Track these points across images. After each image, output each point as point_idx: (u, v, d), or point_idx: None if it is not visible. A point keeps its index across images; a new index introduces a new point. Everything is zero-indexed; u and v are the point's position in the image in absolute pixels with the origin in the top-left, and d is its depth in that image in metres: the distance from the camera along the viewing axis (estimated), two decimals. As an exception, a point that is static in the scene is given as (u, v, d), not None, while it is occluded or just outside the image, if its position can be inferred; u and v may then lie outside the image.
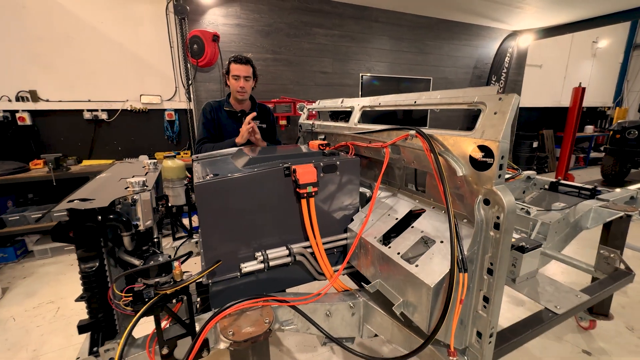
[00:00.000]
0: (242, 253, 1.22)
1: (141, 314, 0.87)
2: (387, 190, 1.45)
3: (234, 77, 2.09)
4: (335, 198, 1.36)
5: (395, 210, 1.28)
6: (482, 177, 0.92)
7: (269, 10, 4.34)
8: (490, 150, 0.88)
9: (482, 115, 0.94)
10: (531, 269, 1.47)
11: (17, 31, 3.53)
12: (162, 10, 4.01)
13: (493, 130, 0.88)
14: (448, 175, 1.02)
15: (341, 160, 1.33)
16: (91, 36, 3.82)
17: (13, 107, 3.61)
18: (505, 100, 0.88)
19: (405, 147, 1.22)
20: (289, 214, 1.27)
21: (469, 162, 0.96)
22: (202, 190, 1.09)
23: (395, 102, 1.37)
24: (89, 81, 3.90)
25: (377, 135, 1.41)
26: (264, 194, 1.21)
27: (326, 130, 1.93)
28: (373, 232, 1.24)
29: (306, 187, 1.20)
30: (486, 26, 6.24)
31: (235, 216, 1.17)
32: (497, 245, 0.90)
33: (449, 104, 1.08)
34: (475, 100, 0.97)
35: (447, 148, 1.03)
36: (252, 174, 1.17)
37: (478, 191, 0.94)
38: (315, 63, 4.82)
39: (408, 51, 5.57)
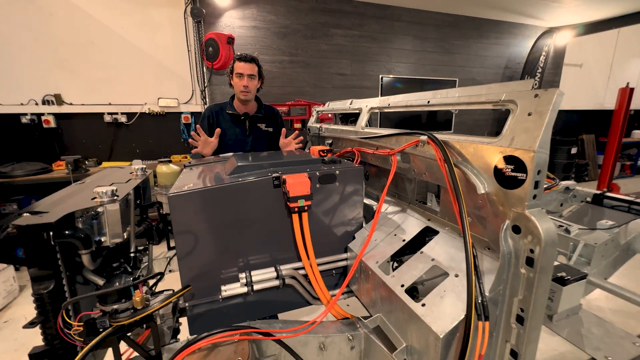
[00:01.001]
0: (225, 273, 1.08)
1: (90, 348, 0.74)
2: (396, 204, 1.26)
3: (238, 75, 1.92)
4: (334, 212, 1.19)
5: (402, 229, 1.08)
6: (510, 196, 0.71)
7: (286, 11, 4.25)
8: (522, 163, 0.68)
9: (512, 117, 0.73)
10: (573, 304, 1.21)
11: (44, 37, 3.67)
12: (180, 15, 4.04)
13: (526, 136, 0.68)
14: (466, 191, 0.82)
15: (341, 169, 1.16)
16: (113, 41, 3.91)
17: (39, 111, 3.76)
18: (543, 98, 0.67)
19: (415, 155, 1.03)
20: (280, 231, 1.12)
21: (493, 176, 0.75)
22: (176, 202, 0.96)
23: (407, 102, 1.18)
24: (110, 85, 3.99)
25: (386, 141, 1.23)
26: (250, 207, 1.06)
27: (333, 134, 1.76)
28: (375, 255, 1.05)
29: (297, 201, 1.04)
30: (519, 23, 5.81)
31: (215, 232, 1.03)
32: (530, 286, 0.69)
33: (469, 104, 0.88)
34: (503, 99, 0.77)
35: (466, 158, 0.83)
36: (234, 184, 1.02)
37: (505, 214, 0.73)
38: (332, 65, 4.67)
39: (432, 51, 5.28)
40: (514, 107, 0.74)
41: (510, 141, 0.71)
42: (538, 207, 0.69)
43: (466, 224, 0.75)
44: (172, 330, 1.10)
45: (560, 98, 0.65)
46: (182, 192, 0.96)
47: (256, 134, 2.13)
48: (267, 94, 4.41)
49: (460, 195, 0.78)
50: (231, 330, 0.93)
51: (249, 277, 1.04)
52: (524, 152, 0.67)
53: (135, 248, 1.12)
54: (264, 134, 2.17)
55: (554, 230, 0.66)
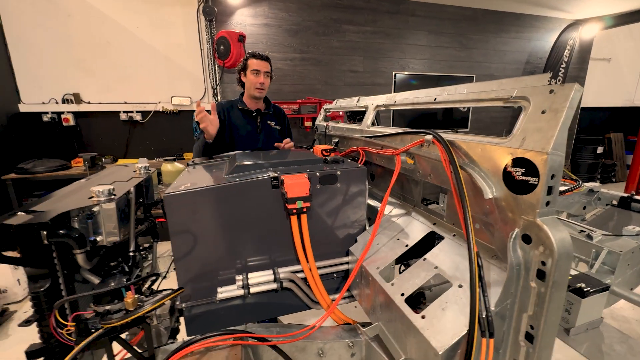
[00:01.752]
0: (222, 275, 1.06)
1: (79, 349, 0.73)
2: (401, 207, 1.20)
3: (254, 72, 1.92)
4: (335, 214, 1.14)
5: (406, 233, 1.03)
6: (520, 202, 0.65)
7: (297, 8, 4.21)
8: (534, 166, 0.61)
9: (524, 115, 0.66)
10: (594, 317, 1.12)
11: (63, 38, 3.79)
12: (193, 13, 4.07)
13: (539, 136, 0.61)
14: (473, 195, 0.76)
15: (343, 169, 1.11)
16: (128, 41, 3.99)
17: (59, 109, 3.89)
18: (559, 94, 0.60)
19: (421, 155, 0.97)
20: (279, 232, 1.08)
21: (502, 180, 0.69)
22: (172, 202, 0.94)
23: (413, 99, 1.12)
24: (125, 84, 4.08)
25: (391, 140, 1.17)
26: (248, 208, 1.03)
27: (339, 132, 1.71)
28: (376, 260, 1.00)
29: (295, 202, 1.00)
30: (542, 16, 5.53)
31: (212, 233, 1.01)
32: (541, 302, 0.63)
33: (478, 101, 0.81)
34: (514, 95, 0.70)
35: (473, 159, 0.77)
36: (230, 184, 1.00)
37: (514, 222, 0.67)
38: (345, 62, 4.60)
39: (449, 46, 5.11)
40: (526, 105, 0.67)
41: (521, 142, 0.64)
42: (552, 215, 0.62)
43: (471, 231, 0.70)
44: (169, 330, 1.09)
45: (578, 94, 0.58)
46: (177, 192, 0.95)
47: (267, 131, 2.11)
48: (278, 91, 4.40)
49: (465, 199, 0.72)
50: (225, 334, 0.91)
51: (245, 279, 1.02)
52: (536, 154, 0.61)
53: (135, 247, 1.12)
54: (275, 131, 2.15)
55: (569, 241, 0.59)
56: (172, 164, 1.53)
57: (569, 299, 1.09)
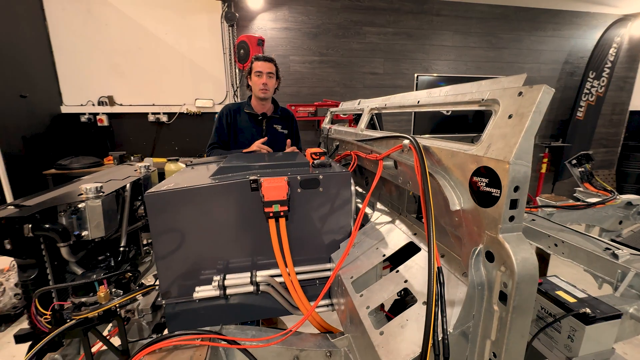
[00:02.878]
0: (201, 274, 1.07)
1: (50, 338, 0.78)
2: (388, 214, 1.15)
3: (257, 73, 1.97)
4: (318, 219, 1.12)
5: (386, 242, 0.98)
6: (484, 216, 0.59)
7: (317, 11, 4.23)
8: (497, 176, 0.55)
9: (492, 120, 0.60)
10: (602, 347, 1.00)
11: (101, 45, 4.10)
12: (217, 19, 4.23)
13: (503, 143, 0.55)
14: (444, 205, 0.70)
15: (326, 173, 1.09)
16: (157, 46, 4.23)
17: (95, 111, 4.21)
18: (527, 96, 0.54)
19: (401, 161, 0.92)
20: (258, 235, 1.08)
21: (469, 190, 0.63)
22: (152, 202, 0.97)
23: (401, 102, 1.06)
24: (154, 87, 4.33)
25: (378, 145, 1.13)
26: (227, 210, 1.04)
27: (339, 136, 1.68)
28: (352, 269, 0.96)
29: (272, 206, 0.99)
30: (584, 12, 5.09)
31: (191, 233, 1.03)
32: (502, 328, 0.56)
33: (455, 104, 0.75)
34: (486, 98, 0.64)
35: (445, 167, 0.71)
36: (209, 186, 1.01)
37: (479, 237, 0.61)
38: (364, 64, 4.54)
39: (476, 46, 4.87)
40: (496, 108, 0.61)
41: (486, 149, 0.59)
42: (517, 231, 0.56)
43: (432, 243, 0.64)
44: (153, 325, 1.12)
45: (547, 97, 0.52)
46: (157, 191, 0.98)
47: (273, 135, 2.12)
48: (296, 94, 4.44)
49: (430, 210, 0.67)
50: (195, 333, 0.92)
51: (222, 280, 1.03)
52: (498, 162, 0.55)
53: (126, 242, 1.17)
54: (280, 135, 2.15)
55: (533, 262, 0.53)
56: (175, 164, 1.59)
57: (572, 324, 0.97)
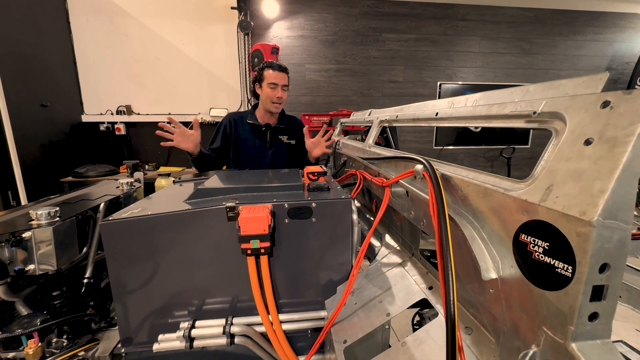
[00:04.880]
0: (167, 318, 0.89)
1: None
2: (397, 253, 0.92)
3: (271, 85, 1.77)
4: (310, 256, 0.91)
5: (392, 295, 0.75)
6: (541, 301, 0.36)
7: (334, 18, 4.09)
8: (565, 242, 0.33)
9: (553, 146, 0.38)
10: None
11: (121, 55, 4.17)
12: (234, 29, 4.19)
13: (578, 188, 0.33)
14: (467, 263, 0.48)
15: (322, 200, 0.88)
16: (175, 56, 4.25)
17: (114, 120, 4.27)
18: (621, 109, 0.32)
19: (413, 191, 0.70)
20: (237, 274, 0.89)
21: (512, 251, 0.41)
22: (108, 232, 0.81)
23: (415, 115, 0.85)
24: (171, 96, 4.34)
25: (387, 165, 0.91)
26: (200, 242, 0.86)
27: (346, 151, 1.48)
28: (346, 328, 0.74)
29: (249, 241, 0.80)
30: (630, 13, 4.62)
31: (156, 269, 0.85)
32: None
33: (488, 118, 0.53)
34: (541, 110, 0.42)
35: (474, 208, 0.49)
36: (177, 214, 0.84)
37: (531, 332, 0.38)
38: (383, 72, 4.33)
39: (506, 52, 4.52)
40: (559, 127, 0.38)
41: (544, 192, 0.36)
42: (601, 337, 0.33)
43: (457, 327, 0.42)
44: (114, 374, 0.95)
45: (664, 109, 0.29)
46: (114, 220, 0.81)
47: (277, 147, 1.93)
48: (312, 103, 4.29)
49: (450, 271, 0.45)
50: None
51: (188, 329, 0.84)
52: (568, 220, 0.32)
53: (92, 273, 1.02)
54: (285, 147, 1.95)
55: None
56: (166, 179, 1.44)
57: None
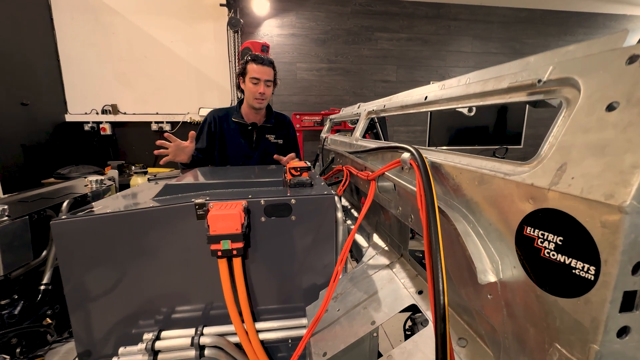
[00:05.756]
0: (133, 328, 0.80)
1: None
2: (385, 254, 0.84)
3: (253, 80, 1.67)
4: (290, 257, 0.83)
5: (378, 301, 0.67)
6: (553, 310, 0.29)
7: (325, 17, 4.04)
8: (586, 234, 0.25)
9: (564, 117, 0.31)
10: None
11: (107, 53, 4.05)
12: (224, 27, 4.11)
13: (600, 165, 0.25)
14: (461, 264, 0.40)
15: (302, 197, 0.80)
16: (163, 55, 4.14)
17: (99, 119, 4.14)
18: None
19: (401, 184, 0.62)
20: (210, 278, 0.80)
21: (515, 249, 0.33)
22: (60, 232, 0.72)
23: (403, 102, 0.78)
24: (158, 96, 4.22)
25: (374, 158, 0.84)
26: (167, 243, 0.77)
27: (334, 146, 1.40)
28: (326, 338, 0.66)
29: (219, 242, 0.71)
30: (619, 14, 4.66)
31: (117, 274, 0.76)
32: None
33: (484, 96, 0.46)
34: (547, 78, 0.35)
35: (468, 199, 0.42)
36: (140, 212, 0.75)
37: (540, 347, 0.30)
38: (376, 71, 4.28)
39: (498, 52, 4.51)
40: (571, 95, 0.31)
41: (555, 173, 0.29)
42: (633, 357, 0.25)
43: (448, 339, 0.34)
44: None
45: None
46: (67, 219, 0.72)
47: (264, 147, 1.83)
48: (303, 103, 4.22)
49: (441, 273, 0.37)
50: None
51: (151, 342, 0.75)
52: (590, 207, 0.25)
53: (50, 278, 0.92)
54: (272, 146, 1.84)
55: None
56: (142, 177, 1.34)
57: None
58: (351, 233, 0.71)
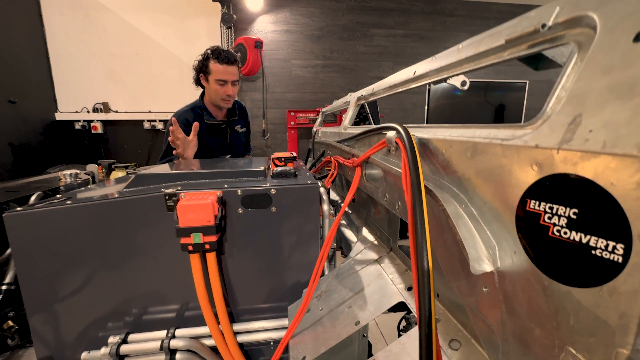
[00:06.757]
0: (99, 331, 0.73)
1: None
2: (374, 248, 0.78)
3: (219, 82, 1.55)
4: (271, 252, 0.77)
5: (364, 298, 0.61)
6: (567, 304, 0.22)
7: (320, 13, 3.97)
8: (614, 205, 0.19)
9: (574, 66, 0.24)
10: None
11: (98, 50, 3.97)
12: (217, 23, 4.04)
13: (629, 108, 0.19)
14: (452, 253, 0.34)
15: (283, 187, 0.74)
16: (155, 52, 4.07)
17: (90, 117, 4.06)
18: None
19: (385, 166, 0.56)
20: (183, 275, 0.74)
21: (516, 231, 0.27)
22: (14, 225, 0.65)
23: (391, 82, 0.71)
24: (151, 94, 4.15)
25: (361, 145, 0.77)
26: (134, 237, 0.70)
27: (324, 138, 1.34)
28: (306, 341, 0.60)
29: (190, 235, 0.65)
30: (616, 10, 4.63)
31: (80, 271, 0.69)
32: None
33: (479, 58, 0.40)
34: (554, 21, 0.28)
35: (460, 176, 0.35)
36: (103, 202, 0.68)
37: (548, 353, 0.24)
38: (372, 68, 4.22)
39: (495, 49, 4.47)
40: (584, 36, 0.25)
41: (567, 128, 0.22)
42: (678, 367, 0.19)
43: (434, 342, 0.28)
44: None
45: None
46: (22, 211, 0.65)
47: (235, 139, 1.80)
48: (298, 100, 4.16)
49: (426, 262, 0.31)
50: None
51: (116, 345, 0.68)
52: (617, 164, 0.19)
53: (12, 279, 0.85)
54: (240, 135, 1.83)
55: None
56: (122, 172, 1.27)
57: None
58: (334, 223, 0.65)
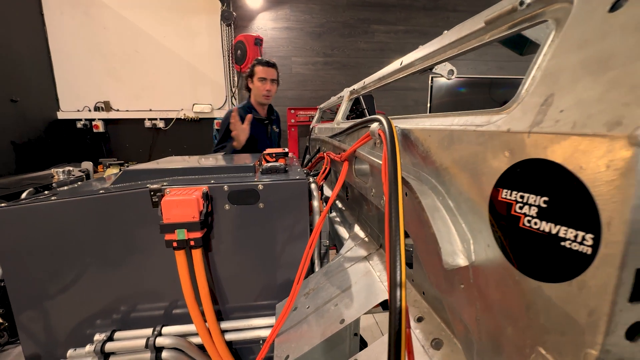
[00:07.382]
0: (85, 328, 0.73)
1: None
2: (364, 245, 0.76)
3: (261, 79, 1.90)
4: (259, 249, 0.75)
5: (350, 297, 0.59)
6: (537, 300, 0.21)
7: (320, 9, 3.95)
8: (583, 191, 0.17)
9: (550, 44, 0.22)
10: None
11: (98, 49, 3.99)
12: (217, 20, 4.03)
13: (602, 83, 0.17)
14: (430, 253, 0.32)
15: (271, 182, 0.72)
16: (155, 50, 4.07)
17: (91, 116, 4.08)
18: None
19: (370, 160, 0.54)
20: (170, 272, 0.73)
21: (489, 222, 0.25)
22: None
23: (380, 74, 0.69)
24: (151, 92, 4.16)
25: (351, 139, 0.76)
26: (119, 234, 0.69)
27: (320, 135, 1.32)
28: (290, 339, 0.58)
29: (174, 231, 0.64)
30: None
31: (65, 267, 0.69)
32: None
33: (460, 43, 0.38)
34: None
35: (438, 166, 0.34)
36: (86, 199, 0.67)
37: (519, 350, 0.22)
38: (373, 64, 4.18)
39: (498, 45, 4.40)
40: (561, 12, 0.23)
41: (539, 110, 0.21)
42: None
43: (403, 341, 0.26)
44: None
45: None
46: (6, 207, 0.65)
47: (273, 137, 2.09)
48: (299, 98, 4.14)
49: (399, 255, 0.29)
50: None
51: (101, 343, 0.67)
52: (586, 145, 0.17)
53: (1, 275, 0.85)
54: (276, 135, 2.12)
55: None
56: (117, 169, 1.26)
57: None
58: (319, 218, 0.63)
